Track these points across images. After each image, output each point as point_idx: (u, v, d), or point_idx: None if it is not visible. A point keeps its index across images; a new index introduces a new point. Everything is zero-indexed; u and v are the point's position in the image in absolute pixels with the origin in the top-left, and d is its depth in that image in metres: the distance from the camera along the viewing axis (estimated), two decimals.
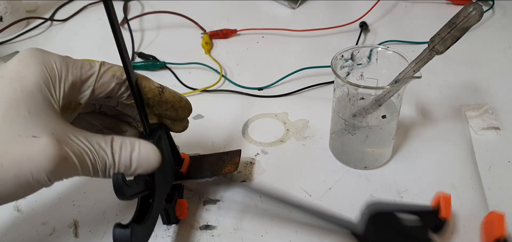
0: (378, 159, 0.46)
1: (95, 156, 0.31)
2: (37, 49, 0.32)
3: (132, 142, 0.33)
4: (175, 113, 0.38)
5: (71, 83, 0.32)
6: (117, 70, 0.34)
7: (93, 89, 0.33)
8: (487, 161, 0.46)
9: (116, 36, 0.30)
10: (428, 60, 0.39)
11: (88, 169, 0.31)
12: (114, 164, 0.32)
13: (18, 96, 0.29)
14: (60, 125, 0.30)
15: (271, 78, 0.60)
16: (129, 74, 0.32)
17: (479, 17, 0.36)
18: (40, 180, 0.28)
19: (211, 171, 0.42)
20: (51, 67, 0.31)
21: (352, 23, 0.70)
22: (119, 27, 0.30)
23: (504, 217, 0.33)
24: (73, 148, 0.30)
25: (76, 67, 0.32)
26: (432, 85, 0.58)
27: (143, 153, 0.33)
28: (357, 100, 0.43)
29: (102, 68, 0.33)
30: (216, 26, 0.72)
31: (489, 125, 0.50)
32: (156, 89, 0.36)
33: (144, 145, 0.33)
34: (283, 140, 0.50)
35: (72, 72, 0.32)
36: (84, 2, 0.82)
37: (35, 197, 0.44)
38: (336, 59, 0.44)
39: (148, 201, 0.34)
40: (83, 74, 0.32)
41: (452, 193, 0.43)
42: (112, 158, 0.32)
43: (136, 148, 0.33)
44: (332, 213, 0.39)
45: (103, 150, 0.31)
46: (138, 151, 0.33)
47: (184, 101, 0.38)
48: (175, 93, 0.38)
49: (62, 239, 0.40)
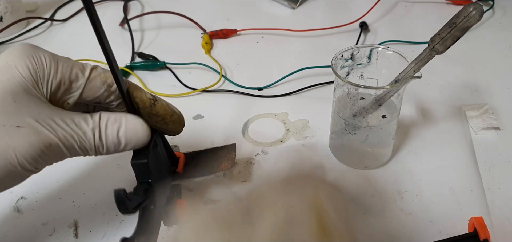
0: (378, 159, 0.46)
1: (82, 139, 0.31)
2: (29, 44, 0.32)
3: (119, 118, 0.33)
4: (165, 127, 0.37)
5: (58, 81, 0.32)
6: (108, 77, 0.34)
7: (81, 92, 0.33)
8: (487, 161, 0.46)
9: (102, 43, 0.30)
10: (428, 60, 0.39)
11: (75, 151, 0.32)
12: (102, 144, 0.32)
13: (4, 85, 0.30)
14: (45, 111, 0.31)
15: (271, 78, 0.60)
16: (119, 82, 0.32)
17: (479, 17, 0.36)
18: (26, 167, 0.30)
19: (208, 168, 0.41)
20: (40, 62, 0.31)
21: (352, 23, 0.70)
22: (104, 34, 0.30)
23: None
24: (58, 133, 0.30)
25: (66, 67, 0.32)
26: (432, 85, 0.58)
27: (130, 129, 0.32)
28: (357, 100, 0.43)
29: (93, 73, 0.33)
30: (216, 26, 0.72)
31: (489, 125, 0.50)
32: (147, 101, 0.35)
33: (130, 120, 0.33)
34: (283, 140, 0.50)
35: (62, 71, 0.32)
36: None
37: (35, 198, 0.44)
38: (336, 59, 0.44)
39: (150, 207, 0.34)
40: (72, 75, 0.33)
41: (452, 193, 0.43)
42: (99, 138, 0.32)
43: (123, 124, 0.32)
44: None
45: (90, 131, 0.32)
46: (125, 127, 0.32)
47: (176, 115, 0.37)
48: (168, 107, 0.37)
49: (62, 239, 0.40)
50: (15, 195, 0.44)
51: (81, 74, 0.33)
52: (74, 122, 0.31)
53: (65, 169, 0.47)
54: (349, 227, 0.35)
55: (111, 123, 0.32)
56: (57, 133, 0.30)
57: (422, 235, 0.39)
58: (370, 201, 0.42)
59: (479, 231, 0.36)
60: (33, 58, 0.31)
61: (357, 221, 0.40)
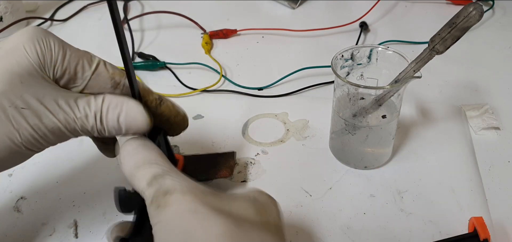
0: (378, 159, 0.46)
1: (84, 122, 0.32)
2: (40, 28, 0.33)
3: (120, 102, 0.32)
4: (168, 127, 0.37)
5: (64, 69, 0.32)
6: (116, 74, 0.34)
7: (86, 84, 0.33)
8: (487, 161, 0.46)
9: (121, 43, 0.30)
10: (428, 60, 0.39)
11: (78, 133, 0.32)
12: (103, 127, 0.32)
13: (12, 67, 0.30)
14: (50, 93, 0.31)
15: (271, 78, 0.60)
16: (132, 86, 0.32)
17: (479, 17, 0.36)
18: (30, 148, 0.31)
19: (206, 173, 0.41)
20: (49, 47, 0.32)
21: (352, 23, 0.70)
22: (123, 32, 0.30)
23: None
24: (60, 117, 0.31)
25: (74, 56, 0.33)
26: (432, 85, 0.58)
27: (129, 116, 0.32)
28: (357, 100, 0.43)
29: (100, 67, 0.33)
30: (216, 26, 0.71)
31: (489, 125, 0.50)
32: (154, 101, 0.35)
33: (131, 107, 0.32)
34: (283, 140, 0.50)
35: (69, 60, 0.32)
36: (84, 2, 0.82)
37: (35, 198, 0.44)
38: (336, 59, 0.44)
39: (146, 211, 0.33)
40: (78, 66, 0.33)
41: (452, 193, 0.43)
42: (100, 122, 0.32)
43: (123, 110, 0.32)
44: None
45: (92, 115, 0.32)
46: (125, 114, 0.32)
47: (181, 117, 0.37)
48: (173, 108, 0.37)
49: (62, 239, 0.40)
50: (15, 195, 0.44)
51: (88, 67, 0.33)
52: (78, 105, 0.32)
53: (65, 169, 0.47)
54: None
55: (113, 108, 0.32)
56: (60, 116, 0.31)
57: (422, 235, 0.39)
58: (370, 201, 0.42)
59: (479, 231, 0.36)
60: (43, 42, 0.32)
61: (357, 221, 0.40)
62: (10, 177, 0.46)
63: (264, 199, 0.30)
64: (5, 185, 0.45)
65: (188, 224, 0.25)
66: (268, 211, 0.29)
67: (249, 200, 0.29)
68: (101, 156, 0.40)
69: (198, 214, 0.26)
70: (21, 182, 0.45)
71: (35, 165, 0.47)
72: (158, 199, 0.27)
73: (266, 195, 0.31)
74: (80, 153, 0.49)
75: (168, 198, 0.27)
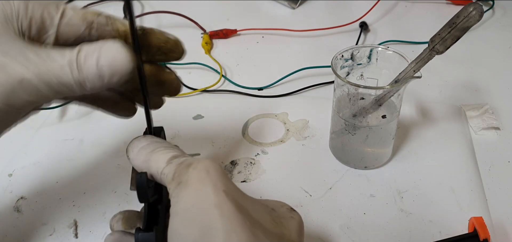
0: (378, 159, 0.46)
1: (59, 74, 0.28)
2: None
3: (98, 47, 0.29)
4: (164, 57, 0.35)
5: (29, 20, 0.30)
6: (88, 14, 0.31)
7: (57, 31, 0.31)
8: (487, 161, 0.46)
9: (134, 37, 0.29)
10: (428, 60, 0.39)
11: (55, 88, 0.29)
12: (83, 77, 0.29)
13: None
14: (17, 46, 0.28)
15: (271, 78, 0.60)
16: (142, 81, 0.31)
17: (479, 17, 0.36)
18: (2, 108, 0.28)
19: None
20: (9, 5, 0.30)
21: (352, 23, 0.70)
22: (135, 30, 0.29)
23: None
24: (29, 68, 0.28)
25: (38, 4, 0.30)
26: (432, 85, 0.58)
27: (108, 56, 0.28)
28: (357, 100, 0.43)
29: (68, 10, 0.31)
30: (216, 26, 0.72)
31: (489, 125, 0.50)
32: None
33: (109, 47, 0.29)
34: (283, 140, 0.50)
35: (32, 8, 0.30)
36: (84, 2, 0.82)
37: (35, 198, 0.44)
38: (336, 59, 0.44)
39: (156, 207, 0.33)
40: (44, 13, 0.31)
41: (452, 193, 0.43)
42: (77, 72, 0.29)
43: (102, 53, 0.28)
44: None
45: (67, 64, 0.28)
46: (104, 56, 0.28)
47: (172, 42, 0.35)
48: (161, 35, 0.34)
49: (62, 239, 0.40)
50: (15, 195, 0.44)
51: (54, 13, 0.31)
52: (50, 55, 0.28)
53: (65, 169, 0.47)
54: None
55: (90, 54, 0.28)
56: (28, 68, 0.28)
57: (422, 235, 0.39)
58: (370, 201, 0.42)
59: (479, 231, 0.37)
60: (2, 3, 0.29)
61: (357, 221, 0.40)
62: (10, 177, 0.46)
63: (284, 212, 0.29)
64: (5, 185, 0.45)
65: (210, 221, 0.24)
66: (284, 224, 0.28)
67: (267, 208, 0.28)
68: (101, 156, 0.40)
69: (222, 211, 0.24)
70: (21, 182, 0.45)
71: (35, 165, 0.47)
72: (181, 175, 0.26)
73: (289, 209, 0.30)
74: (80, 153, 0.49)
75: (191, 172, 0.26)
